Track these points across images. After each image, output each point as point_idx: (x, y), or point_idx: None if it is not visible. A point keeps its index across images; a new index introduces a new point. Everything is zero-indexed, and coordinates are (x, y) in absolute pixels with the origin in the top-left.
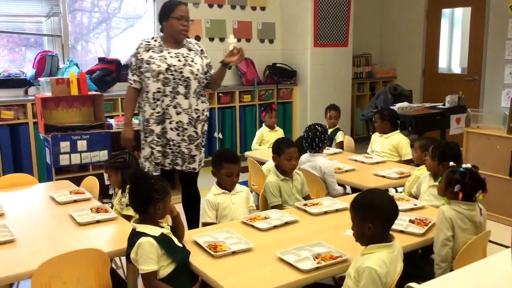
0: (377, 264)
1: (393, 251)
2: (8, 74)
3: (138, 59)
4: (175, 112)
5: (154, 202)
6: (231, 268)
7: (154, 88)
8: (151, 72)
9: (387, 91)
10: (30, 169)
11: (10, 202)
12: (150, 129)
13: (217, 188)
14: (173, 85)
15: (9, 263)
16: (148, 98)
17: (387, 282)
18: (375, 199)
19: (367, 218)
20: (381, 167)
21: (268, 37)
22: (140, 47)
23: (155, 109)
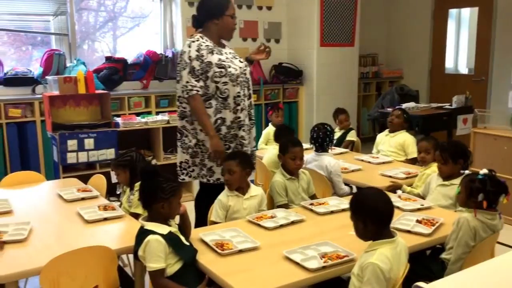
0: (380, 260)
1: (396, 247)
2: (16, 72)
3: (203, 63)
4: (243, 115)
5: (159, 201)
6: (238, 266)
7: (235, 93)
8: (229, 76)
9: (394, 91)
10: (37, 167)
11: (18, 200)
12: (234, 134)
13: (230, 191)
14: (243, 87)
15: (18, 259)
16: (228, 104)
17: (391, 278)
18: (366, 198)
19: (359, 216)
20: (387, 167)
21: (274, 37)
22: (201, 48)
23: (236, 113)
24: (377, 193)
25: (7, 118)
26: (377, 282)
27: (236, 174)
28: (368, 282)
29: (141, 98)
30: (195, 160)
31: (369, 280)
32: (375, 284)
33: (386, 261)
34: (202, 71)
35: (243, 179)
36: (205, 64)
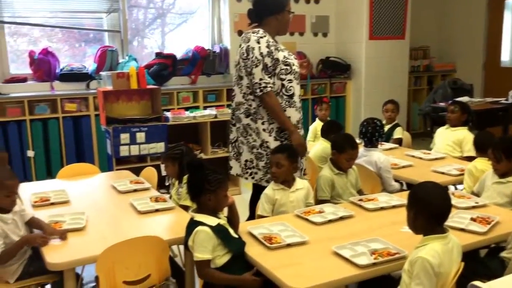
0: (429, 254)
1: (447, 243)
2: (71, 68)
3: (273, 59)
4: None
5: (206, 193)
6: (286, 260)
7: (298, 91)
8: (294, 74)
9: (446, 85)
10: (92, 159)
11: (74, 190)
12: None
13: (275, 184)
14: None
15: (75, 248)
16: (294, 102)
17: (441, 273)
18: (423, 191)
19: (412, 209)
20: (440, 163)
21: (321, 31)
22: (270, 45)
23: (300, 112)
24: (436, 188)
25: (63, 112)
26: (426, 277)
27: (284, 168)
28: (417, 277)
29: (189, 93)
30: (259, 163)
31: (418, 275)
32: (423, 279)
33: (435, 256)
34: (274, 68)
35: (290, 173)
36: (275, 60)
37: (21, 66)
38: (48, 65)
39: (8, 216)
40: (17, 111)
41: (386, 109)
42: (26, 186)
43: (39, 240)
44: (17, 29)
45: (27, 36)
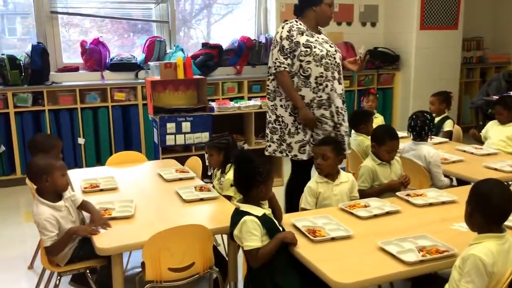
0: (483, 253)
1: (503, 243)
2: (121, 58)
3: (292, 42)
4: (336, 96)
5: (257, 185)
6: (331, 254)
7: (317, 73)
8: (313, 56)
9: (501, 77)
10: (139, 148)
11: (122, 178)
12: (311, 113)
13: (320, 177)
14: (332, 70)
15: (123, 234)
16: (309, 83)
17: (494, 273)
18: (485, 188)
19: (471, 205)
20: (492, 159)
21: (370, 20)
22: (293, 29)
23: (317, 93)
24: (500, 186)
25: (113, 101)
26: (477, 275)
27: (330, 160)
28: (468, 274)
29: (234, 84)
30: (273, 136)
31: (469, 272)
32: (474, 277)
33: (489, 255)
34: (291, 50)
35: (335, 166)
36: (294, 44)
37: (72, 56)
38: (99, 55)
39: (61, 204)
40: (69, 99)
41: (429, 101)
42: (77, 172)
43: (87, 232)
44: (69, 20)
45: (78, 27)
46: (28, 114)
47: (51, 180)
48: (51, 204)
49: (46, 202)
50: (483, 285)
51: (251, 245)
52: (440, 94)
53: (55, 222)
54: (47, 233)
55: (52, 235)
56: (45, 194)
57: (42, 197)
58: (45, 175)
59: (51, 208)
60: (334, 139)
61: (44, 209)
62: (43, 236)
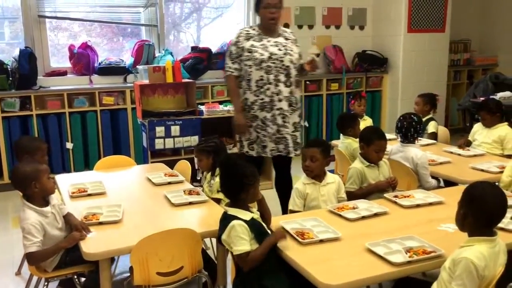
0: (475, 256)
1: (494, 246)
2: (109, 62)
3: (239, 48)
4: (278, 99)
5: (246, 189)
6: (319, 256)
7: (257, 76)
8: (253, 60)
9: (488, 79)
10: (128, 152)
11: (110, 182)
12: (253, 115)
13: (306, 178)
14: (275, 73)
15: (111, 238)
16: (250, 86)
17: (485, 276)
18: (479, 191)
19: (465, 207)
20: (479, 160)
21: (358, 23)
22: (240, 35)
23: (258, 96)
24: (494, 190)
25: (101, 106)
26: (469, 279)
27: (318, 162)
28: (459, 278)
29: (224, 87)
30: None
31: (460, 276)
32: (466, 280)
33: (481, 258)
34: (237, 55)
35: (322, 168)
36: (240, 49)
37: (61, 60)
38: (87, 59)
39: (47, 209)
40: (57, 104)
41: (415, 102)
42: (65, 177)
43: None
44: (57, 24)
45: (67, 31)
46: (15, 119)
47: (39, 185)
48: (38, 209)
49: (34, 207)
50: (473, 286)
51: (241, 249)
52: (424, 96)
53: (40, 227)
54: (31, 238)
55: (36, 240)
56: (33, 200)
57: (30, 203)
58: (34, 181)
59: (38, 214)
60: (322, 142)
61: (31, 214)
62: (27, 242)
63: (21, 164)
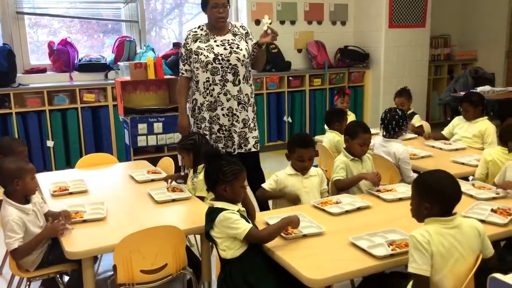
0: (418, 232)
1: (448, 226)
2: (90, 58)
3: (187, 50)
4: (226, 99)
5: (221, 184)
6: (303, 251)
7: (204, 78)
8: (200, 62)
9: (467, 74)
10: (110, 149)
11: (92, 180)
12: (202, 117)
13: (291, 169)
14: (222, 74)
15: (94, 237)
16: (198, 88)
17: (433, 252)
18: (437, 181)
19: (425, 199)
20: (460, 153)
21: (340, 19)
22: (188, 37)
23: (205, 97)
24: (449, 178)
25: (82, 103)
26: (416, 253)
27: (313, 159)
28: (410, 255)
29: None
30: None
31: (411, 253)
32: (414, 255)
33: (424, 234)
34: (187, 57)
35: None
36: (188, 51)
37: (41, 57)
38: (67, 55)
39: (28, 207)
40: (36, 101)
41: (395, 103)
42: (46, 175)
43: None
44: (37, 20)
45: (46, 27)
46: None
47: (22, 184)
48: (19, 206)
49: (15, 204)
50: (424, 260)
51: (247, 227)
52: (403, 93)
53: (21, 224)
54: (13, 235)
55: (18, 237)
56: (13, 197)
57: (10, 199)
58: (17, 179)
59: (19, 210)
60: (311, 138)
61: (12, 210)
62: (9, 239)
63: (7, 160)
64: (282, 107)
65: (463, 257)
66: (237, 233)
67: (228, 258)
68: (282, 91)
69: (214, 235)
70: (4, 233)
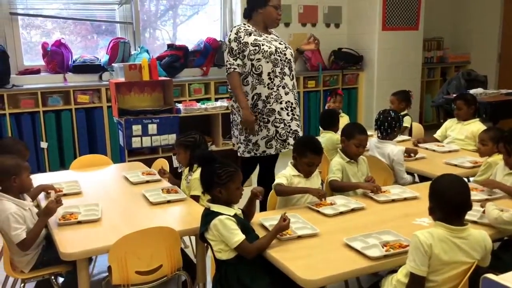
0: (421, 233)
1: (455, 236)
2: (84, 60)
3: (241, 43)
4: (284, 92)
5: (215, 187)
6: (297, 252)
7: (269, 69)
8: (262, 53)
9: (460, 76)
10: (104, 151)
11: (87, 181)
12: (271, 109)
13: (294, 170)
14: (281, 66)
15: (89, 238)
16: (262, 80)
17: (433, 254)
18: (441, 185)
19: (430, 200)
20: (453, 155)
21: (334, 21)
22: (240, 31)
23: (272, 88)
24: (452, 181)
25: (76, 104)
26: (415, 252)
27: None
28: (410, 253)
29: (201, 85)
30: (240, 138)
31: (411, 251)
32: (414, 255)
33: (427, 236)
34: (239, 51)
35: None
36: (242, 44)
37: (34, 58)
38: (61, 56)
39: (26, 203)
40: (30, 102)
41: (390, 101)
42: (40, 177)
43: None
44: (30, 21)
45: (40, 28)
46: None
47: (18, 181)
48: (17, 201)
49: (12, 198)
50: (422, 261)
51: (239, 239)
52: (399, 93)
53: (22, 216)
54: (19, 226)
55: (24, 227)
56: (10, 193)
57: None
58: (14, 176)
59: (17, 205)
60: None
61: (10, 204)
62: (15, 231)
63: (4, 157)
64: None
65: (463, 264)
66: (229, 242)
67: (223, 259)
68: None
69: (208, 238)
70: (5, 229)
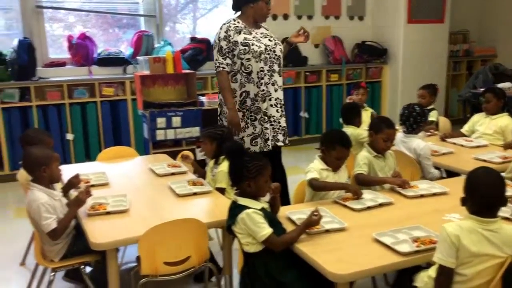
0: (450, 225)
1: (485, 228)
2: (108, 53)
3: (230, 42)
4: (274, 89)
5: (244, 180)
6: (326, 246)
7: (258, 68)
8: (252, 53)
9: (487, 70)
10: (128, 143)
11: (113, 173)
12: (257, 107)
13: (322, 163)
14: (270, 64)
15: (118, 229)
16: (251, 78)
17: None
18: (475, 176)
19: (464, 190)
20: (482, 150)
21: (358, 14)
22: (230, 29)
23: (260, 87)
24: (488, 174)
25: (101, 97)
26: (443, 244)
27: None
28: (438, 246)
29: None
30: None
31: (438, 244)
32: (442, 247)
33: (456, 228)
34: (229, 50)
35: None
36: (231, 43)
37: (57, 51)
38: (86, 49)
39: (56, 193)
40: (56, 95)
41: (417, 95)
42: (67, 168)
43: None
44: (53, 14)
45: (62, 22)
46: (15, 110)
47: (48, 171)
48: (47, 191)
49: (43, 188)
50: (449, 253)
51: (267, 233)
52: (428, 87)
53: (52, 206)
54: (50, 215)
55: (55, 217)
56: (40, 183)
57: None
58: (44, 166)
59: (47, 195)
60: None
61: (42, 194)
62: (46, 220)
63: (34, 148)
64: (299, 102)
65: (494, 258)
66: (257, 235)
67: (251, 252)
68: (298, 86)
69: (236, 231)
70: (36, 218)
